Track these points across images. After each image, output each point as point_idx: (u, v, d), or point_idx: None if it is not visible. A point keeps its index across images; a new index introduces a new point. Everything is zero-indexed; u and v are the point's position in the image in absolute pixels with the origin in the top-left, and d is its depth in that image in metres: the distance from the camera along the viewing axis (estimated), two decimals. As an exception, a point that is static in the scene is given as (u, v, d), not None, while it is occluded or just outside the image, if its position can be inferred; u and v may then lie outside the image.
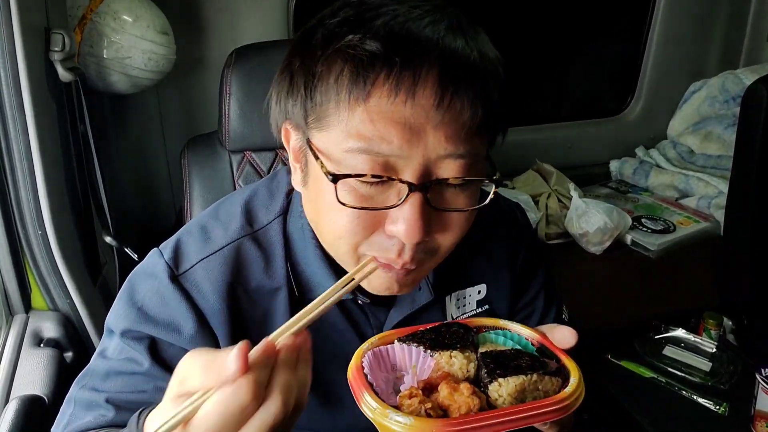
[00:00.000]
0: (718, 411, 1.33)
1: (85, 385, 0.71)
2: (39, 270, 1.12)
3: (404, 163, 0.57)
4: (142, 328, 0.69)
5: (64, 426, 0.70)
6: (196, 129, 1.50)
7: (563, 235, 2.01)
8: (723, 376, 1.43)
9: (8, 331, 1.11)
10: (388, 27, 0.56)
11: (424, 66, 0.54)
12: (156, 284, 0.71)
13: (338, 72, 0.56)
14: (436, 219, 0.61)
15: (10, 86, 1.01)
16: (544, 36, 2.43)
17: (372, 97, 0.55)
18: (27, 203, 1.08)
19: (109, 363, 0.71)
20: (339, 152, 0.58)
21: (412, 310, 0.77)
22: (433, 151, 0.56)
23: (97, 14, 1.36)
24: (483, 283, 0.83)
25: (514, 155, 2.21)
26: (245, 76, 1.14)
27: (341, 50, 0.56)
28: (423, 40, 0.56)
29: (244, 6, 1.72)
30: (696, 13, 2.28)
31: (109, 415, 0.67)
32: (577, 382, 0.56)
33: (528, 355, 0.59)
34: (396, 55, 0.54)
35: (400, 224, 0.58)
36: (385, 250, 0.61)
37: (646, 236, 1.95)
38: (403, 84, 0.54)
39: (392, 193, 0.58)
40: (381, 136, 0.55)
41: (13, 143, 1.04)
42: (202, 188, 1.20)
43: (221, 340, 0.70)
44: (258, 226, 0.74)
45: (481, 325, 0.66)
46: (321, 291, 0.71)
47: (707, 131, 2.29)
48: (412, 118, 0.55)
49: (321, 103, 0.58)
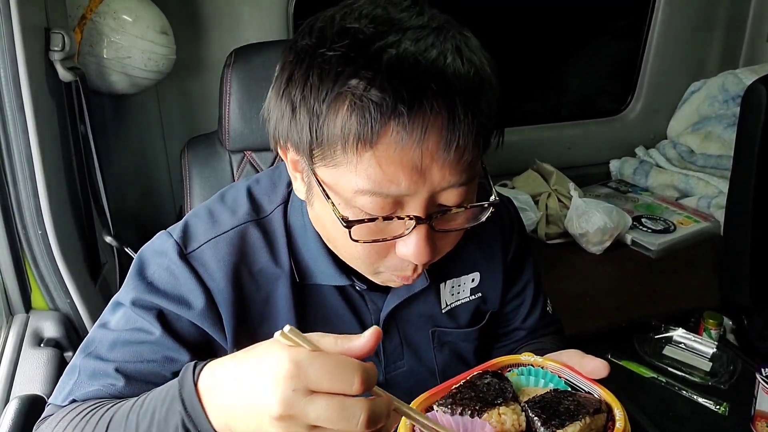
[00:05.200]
0: (719, 411, 1.33)
1: (90, 354, 0.71)
2: (39, 270, 1.12)
3: (410, 199, 0.59)
4: (153, 299, 0.71)
5: (67, 394, 0.70)
6: (196, 129, 1.50)
7: (563, 235, 2.01)
8: (723, 376, 1.42)
9: (8, 330, 1.11)
10: (392, 69, 0.54)
11: (431, 113, 0.55)
12: (166, 261, 0.73)
13: (345, 119, 0.56)
14: (440, 236, 0.65)
15: (10, 86, 1.01)
16: (545, 36, 2.43)
17: (380, 145, 0.56)
18: (27, 203, 1.08)
19: (115, 333, 0.72)
20: (348, 192, 0.59)
21: (408, 295, 0.80)
22: (438, 185, 0.59)
23: (97, 14, 1.36)
24: (477, 272, 0.86)
25: (514, 155, 2.21)
26: (245, 76, 1.14)
27: (345, 95, 0.55)
28: (428, 81, 0.55)
29: (244, 6, 1.72)
30: (696, 13, 2.28)
31: (118, 385, 0.68)
32: (623, 416, 0.57)
33: (568, 394, 0.60)
34: (403, 104, 0.54)
35: (409, 249, 0.62)
36: (400, 269, 0.67)
37: (646, 236, 1.95)
38: (411, 133, 0.55)
39: (400, 224, 0.61)
40: (389, 179, 0.57)
41: (13, 143, 1.04)
42: (202, 188, 1.20)
43: (225, 320, 0.72)
44: (263, 213, 0.77)
45: (504, 365, 0.66)
46: (322, 278, 0.76)
47: (707, 131, 2.29)
48: (419, 160, 0.56)
49: (327, 145, 0.58)
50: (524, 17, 2.36)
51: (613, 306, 1.69)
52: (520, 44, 2.35)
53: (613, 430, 0.56)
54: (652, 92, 2.36)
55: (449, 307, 0.85)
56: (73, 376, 0.71)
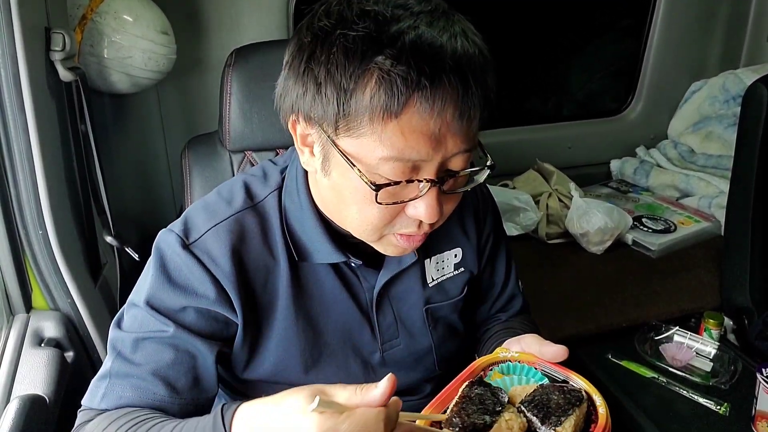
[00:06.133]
0: (719, 411, 1.33)
1: (117, 356, 0.76)
2: (40, 270, 1.12)
3: (426, 164, 0.66)
4: (165, 296, 0.75)
5: (101, 397, 0.75)
6: (197, 129, 1.50)
7: (564, 235, 2.01)
8: (724, 376, 1.42)
9: (9, 330, 1.11)
10: (415, 48, 0.61)
11: (449, 86, 0.62)
12: (172, 256, 0.76)
13: (373, 92, 0.62)
14: (446, 199, 0.72)
15: (11, 86, 1.01)
16: (545, 36, 2.43)
17: (404, 115, 0.62)
18: (28, 203, 1.08)
19: (133, 334, 0.75)
20: (373, 159, 0.65)
21: (398, 270, 0.85)
22: (450, 151, 0.66)
23: (98, 14, 1.36)
24: (459, 247, 0.92)
25: (515, 155, 2.21)
26: (245, 76, 1.14)
27: (372, 70, 0.62)
28: (446, 58, 0.62)
29: (244, 6, 1.72)
30: (696, 13, 2.28)
31: (146, 386, 0.73)
32: (602, 402, 0.64)
33: (553, 388, 0.65)
34: (425, 77, 0.61)
35: (421, 210, 0.69)
36: (406, 226, 0.72)
37: (647, 236, 1.95)
38: (432, 104, 0.62)
39: (414, 187, 0.68)
40: (411, 146, 0.64)
41: (13, 143, 1.04)
42: (202, 187, 1.20)
43: (235, 303, 0.76)
44: (257, 199, 0.82)
45: (485, 365, 0.72)
46: (318, 256, 0.81)
47: (708, 131, 2.29)
48: (437, 129, 0.64)
49: (354, 117, 0.64)
50: (524, 17, 2.36)
51: (613, 306, 1.69)
52: (521, 44, 2.35)
53: (597, 416, 0.63)
54: (652, 92, 2.36)
55: (435, 282, 0.90)
56: (105, 380, 0.75)
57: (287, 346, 0.81)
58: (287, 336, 0.81)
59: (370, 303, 0.85)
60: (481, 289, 0.99)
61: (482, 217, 0.95)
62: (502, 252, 0.99)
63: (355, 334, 0.85)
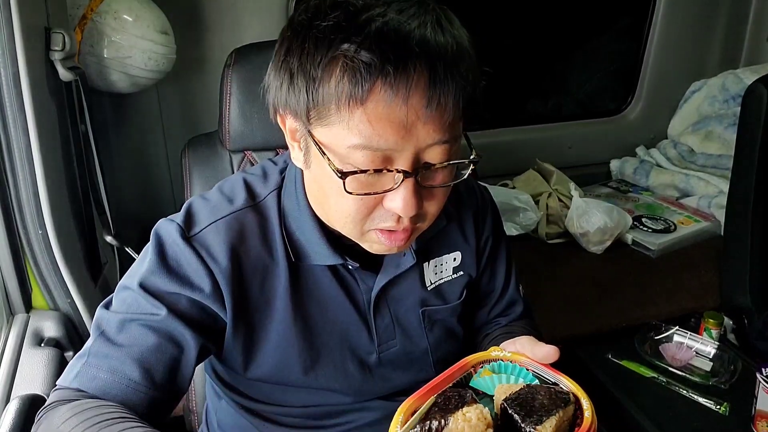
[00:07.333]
0: (719, 411, 1.33)
1: (99, 336, 0.74)
2: (39, 269, 1.12)
3: (398, 154, 0.65)
4: (159, 282, 0.74)
5: (74, 376, 0.73)
6: (197, 129, 1.50)
7: (563, 235, 2.01)
8: (723, 376, 1.43)
9: (9, 330, 1.11)
10: (380, 35, 0.61)
11: (414, 73, 0.61)
12: (171, 244, 0.76)
13: (338, 79, 0.62)
14: (425, 193, 0.70)
15: (11, 86, 1.01)
16: (545, 35, 2.43)
17: (369, 102, 0.62)
18: (27, 203, 1.08)
19: (120, 315, 0.74)
20: (342, 148, 0.65)
21: (397, 273, 0.85)
22: (423, 141, 0.65)
23: (98, 14, 1.36)
24: (458, 251, 0.91)
25: (515, 155, 2.21)
26: (245, 76, 1.14)
27: (338, 58, 0.62)
28: (412, 45, 0.61)
29: (244, 6, 1.72)
30: (696, 13, 2.28)
31: (124, 370, 0.71)
32: (589, 406, 0.63)
33: (540, 389, 0.64)
34: (389, 64, 0.60)
35: (397, 203, 0.68)
36: (385, 220, 0.71)
37: (647, 236, 1.95)
38: (397, 91, 0.61)
39: (389, 178, 0.67)
40: (379, 134, 0.63)
41: (13, 143, 1.04)
42: (202, 187, 1.20)
43: (227, 301, 0.76)
44: (258, 199, 0.82)
45: (476, 362, 0.71)
46: (316, 258, 0.80)
47: (707, 131, 2.29)
48: (405, 117, 0.62)
49: (323, 105, 0.64)
50: (525, 17, 2.36)
51: (613, 306, 1.69)
52: (521, 44, 2.35)
53: (582, 419, 0.62)
54: (652, 92, 2.36)
55: (434, 285, 0.89)
56: (82, 358, 0.74)
57: (286, 346, 0.81)
58: (286, 337, 0.81)
59: (368, 305, 0.85)
60: (480, 293, 0.98)
61: (481, 219, 0.94)
62: (502, 255, 0.98)
63: (352, 335, 0.85)
